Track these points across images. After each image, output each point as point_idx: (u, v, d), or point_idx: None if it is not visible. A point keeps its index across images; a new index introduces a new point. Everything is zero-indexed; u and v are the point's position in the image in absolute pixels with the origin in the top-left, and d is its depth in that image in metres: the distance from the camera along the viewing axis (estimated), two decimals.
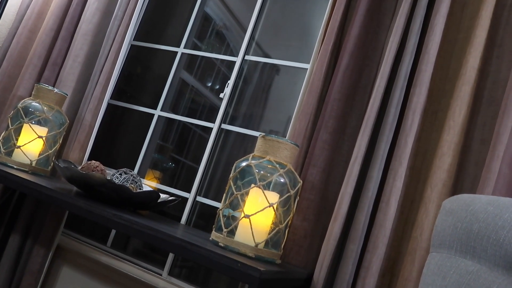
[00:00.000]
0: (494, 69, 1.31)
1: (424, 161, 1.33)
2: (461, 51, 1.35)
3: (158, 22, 2.16)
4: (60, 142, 1.75)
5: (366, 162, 1.36)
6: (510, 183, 1.23)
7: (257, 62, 1.88)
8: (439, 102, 1.35)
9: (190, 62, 2.04)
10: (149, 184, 1.90)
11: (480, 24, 1.30)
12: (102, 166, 1.46)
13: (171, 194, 1.83)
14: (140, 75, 2.12)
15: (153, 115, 1.99)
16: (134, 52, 2.14)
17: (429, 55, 1.31)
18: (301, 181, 1.26)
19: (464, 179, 1.27)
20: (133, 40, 2.14)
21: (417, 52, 1.37)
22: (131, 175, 1.44)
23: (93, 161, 1.48)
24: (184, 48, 2.03)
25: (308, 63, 1.74)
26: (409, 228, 1.30)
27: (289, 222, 1.23)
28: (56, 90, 1.71)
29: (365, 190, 1.30)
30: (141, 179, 1.60)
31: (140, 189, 1.47)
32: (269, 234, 1.18)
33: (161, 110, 1.99)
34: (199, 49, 2.03)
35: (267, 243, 1.19)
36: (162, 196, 1.52)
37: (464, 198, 0.89)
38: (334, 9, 1.51)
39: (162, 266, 1.76)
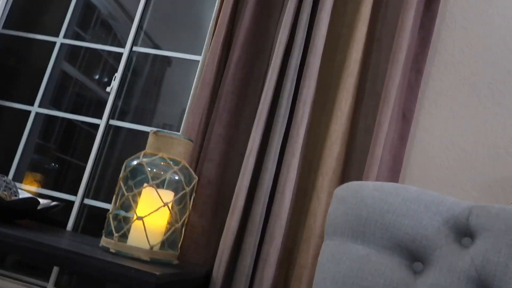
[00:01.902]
0: (374, 62, 1.40)
1: (315, 151, 1.37)
2: (345, 45, 1.42)
3: (33, 8, 1.94)
4: None
5: (261, 155, 1.37)
6: (390, 168, 1.33)
7: (147, 54, 1.79)
8: (327, 93, 1.41)
9: (72, 53, 1.87)
10: (28, 189, 1.71)
11: (361, 19, 1.37)
12: None
13: (54, 199, 1.67)
14: (13, 68, 1.89)
15: (30, 112, 1.79)
16: (5, 42, 1.91)
17: (317, 48, 1.36)
18: (197, 177, 1.23)
19: (351, 167, 1.34)
20: (3, 28, 1.90)
21: (305, 46, 1.41)
22: (4, 181, 1.28)
23: None
24: (64, 38, 1.85)
25: (200, 55, 1.70)
26: (303, 217, 1.33)
27: (186, 220, 1.19)
28: None
29: (261, 182, 1.30)
30: (16, 184, 1.43)
31: (15, 196, 1.31)
32: (164, 234, 1.13)
33: (40, 106, 1.80)
34: (83, 40, 1.87)
35: (163, 244, 1.13)
36: (43, 202, 1.37)
37: (353, 185, 0.92)
38: (224, 1, 1.49)
39: (47, 278, 1.60)
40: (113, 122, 1.72)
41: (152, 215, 1.10)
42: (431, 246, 0.82)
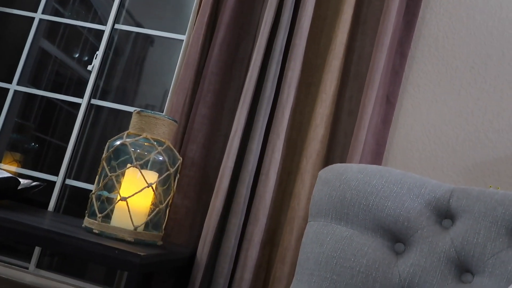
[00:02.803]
0: (359, 45, 1.40)
1: (300, 133, 1.38)
2: (331, 27, 1.41)
3: None
4: None
5: (246, 136, 1.36)
6: (374, 151, 1.34)
7: (129, 32, 1.75)
8: (312, 76, 1.40)
9: (51, 30, 1.82)
10: (7, 169, 1.68)
11: (347, 2, 1.36)
12: None
13: (35, 179, 1.64)
14: None
15: (8, 90, 1.75)
16: None
17: (302, 29, 1.35)
18: (181, 158, 1.22)
19: (335, 149, 1.35)
20: None
21: (291, 27, 1.40)
22: None
23: None
24: (43, 14, 1.79)
25: (184, 34, 1.67)
26: (287, 198, 1.34)
27: (170, 201, 1.19)
28: None
29: (246, 163, 1.30)
30: None
31: None
32: (148, 215, 1.12)
33: (18, 84, 1.75)
34: (62, 16, 1.81)
35: (147, 225, 1.13)
36: (23, 182, 1.35)
37: (337, 167, 0.93)
38: None
39: (28, 259, 1.58)
40: (95, 101, 1.69)
41: (136, 196, 1.09)
42: (412, 227, 0.84)
